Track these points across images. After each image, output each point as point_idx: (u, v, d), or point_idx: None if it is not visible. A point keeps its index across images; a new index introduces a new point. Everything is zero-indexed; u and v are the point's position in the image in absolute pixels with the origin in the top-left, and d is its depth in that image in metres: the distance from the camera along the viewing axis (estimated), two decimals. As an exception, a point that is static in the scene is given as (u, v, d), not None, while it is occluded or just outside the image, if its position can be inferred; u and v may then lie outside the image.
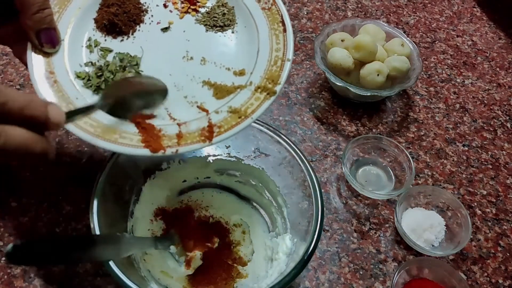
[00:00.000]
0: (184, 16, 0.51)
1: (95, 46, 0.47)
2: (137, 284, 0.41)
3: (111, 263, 0.41)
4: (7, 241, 0.54)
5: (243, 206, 0.60)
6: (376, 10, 0.92)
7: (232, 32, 0.50)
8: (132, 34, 0.49)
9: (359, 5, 0.92)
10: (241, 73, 0.47)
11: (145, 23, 0.50)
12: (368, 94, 0.69)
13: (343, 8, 0.91)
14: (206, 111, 0.44)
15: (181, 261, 0.53)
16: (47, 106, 0.36)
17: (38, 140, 0.35)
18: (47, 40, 0.43)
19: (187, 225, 0.56)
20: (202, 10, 0.51)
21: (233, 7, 0.51)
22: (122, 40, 0.48)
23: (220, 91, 0.46)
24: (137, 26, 0.50)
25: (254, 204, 0.60)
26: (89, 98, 0.44)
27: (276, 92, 0.44)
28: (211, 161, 0.58)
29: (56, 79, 0.43)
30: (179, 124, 0.43)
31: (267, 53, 0.47)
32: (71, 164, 0.62)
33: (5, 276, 0.52)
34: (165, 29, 0.50)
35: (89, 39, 0.48)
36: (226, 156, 0.58)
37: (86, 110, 0.41)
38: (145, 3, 0.51)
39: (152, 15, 0.51)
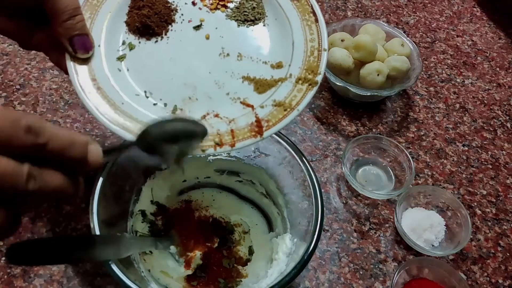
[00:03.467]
0: (214, 13, 0.51)
1: (130, 50, 0.47)
2: (137, 284, 0.41)
3: (111, 263, 0.41)
4: (7, 241, 0.54)
5: (243, 206, 0.60)
6: (376, 10, 0.92)
7: (264, 25, 0.50)
8: (166, 34, 0.49)
9: (359, 5, 0.92)
10: (279, 65, 0.47)
11: (177, 22, 0.50)
12: (368, 94, 0.69)
13: (343, 8, 0.91)
14: (251, 106, 0.44)
15: (181, 261, 0.53)
16: (87, 146, 0.33)
17: (72, 183, 0.33)
18: (80, 46, 0.43)
19: (187, 225, 0.56)
20: (231, 5, 0.51)
21: (261, 0, 0.51)
22: (156, 41, 0.48)
23: (261, 85, 0.46)
24: (169, 26, 0.49)
25: (254, 204, 0.60)
26: (135, 102, 0.44)
27: (318, 82, 0.45)
28: (211, 161, 0.58)
29: (99, 86, 0.43)
30: (229, 121, 0.43)
31: (303, 44, 0.47)
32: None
33: (5, 276, 0.52)
34: (197, 27, 0.49)
35: (123, 43, 0.47)
36: (226, 156, 0.58)
37: (123, 148, 0.40)
38: (174, 2, 0.51)
39: (182, 14, 0.50)
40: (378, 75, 0.69)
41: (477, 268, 0.59)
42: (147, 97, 0.44)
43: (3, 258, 0.53)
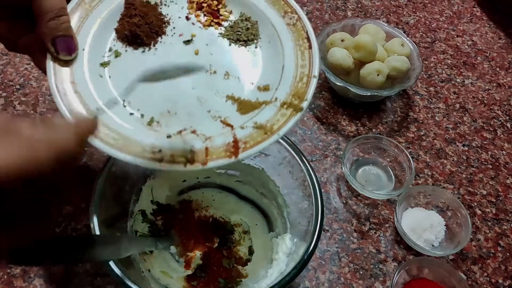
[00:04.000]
0: (207, 29, 0.50)
1: (116, 57, 0.47)
2: (137, 284, 0.41)
3: (111, 263, 0.41)
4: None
5: (243, 206, 0.60)
6: (376, 10, 0.92)
7: (256, 47, 0.49)
8: (154, 45, 0.48)
9: (359, 5, 0.92)
10: (266, 88, 0.46)
11: (167, 35, 0.49)
12: (368, 94, 0.69)
13: (343, 8, 0.91)
14: (231, 126, 0.43)
15: (181, 261, 0.53)
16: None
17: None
18: (63, 48, 0.42)
19: (187, 225, 0.56)
20: (225, 23, 0.50)
21: (256, 21, 0.50)
22: (143, 51, 0.47)
23: (244, 106, 0.45)
24: (159, 38, 0.49)
25: (254, 204, 0.60)
26: (111, 109, 0.43)
27: (302, 109, 0.44)
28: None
29: (76, 89, 0.43)
30: (206, 139, 0.42)
31: (293, 69, 0.47)
32: (71, 164, 0.62)
33: (5, 276, 0.52)
34: (187, 42, 0.49)
35: (110, 50, 0.47)
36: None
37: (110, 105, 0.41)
38: (167, 14, 0.50)
39: (174, 27, 0.50)
40: (378, 75, 0.69)
41: (477, 268, 0.59)
42: (125, 106, 0.44)
43: (3, 258, 0.53)
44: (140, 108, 0.43)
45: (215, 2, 0.51)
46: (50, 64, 0.43)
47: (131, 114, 0.43)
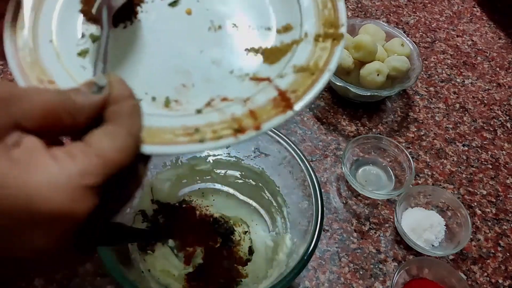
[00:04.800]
0: None
1: (93, 42, 0.39)
2: (137, 284, 0.41)
3: (111, 263, 0.41)
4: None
5: (243, 206, 0.60)
6: (376, 10, 0.92)
7: None
8: (135, 17, 0.41)
9: (359, 5, 0.92)
10: (288, 28, 0.39)
11: (146, 2, 0.42)
12: (368, 94, 0.69)
13: (343, 8, 0.91)
14: (267, 79, 0.36)
15: (181, 256, 0.53)
16: None
17: None
18: None
19: (188, 224, 0.56)
20: None
21: None
22: (125, 27, 0.40)
23: (272, 54, 0.38)
24: (138, 8, 0.41)
25: (254, 204, 0.60)
26: None
27: (343, 35, 0.37)
28: (211, 161, 0.58)
29: (57, 87, 0.35)
30: (244, 101, 0.35)
31: None
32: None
33: (5, 276, 0.52)
34: (173, 3, 0.42)
35: (83, 36, 0.39)
36: (226, 156, 0.58)
37: None
38: None
39: None
40: (378, 75, 0.69)
41: (477, 268, 0.59)
42: None
43: (3, 258, 0.53)
44: (149, 91, 0.36)
45: None
46: (13, 65, 0.35)
47: (140, 100, 0.34)
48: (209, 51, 0.39)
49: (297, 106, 0.33)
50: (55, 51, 0.37)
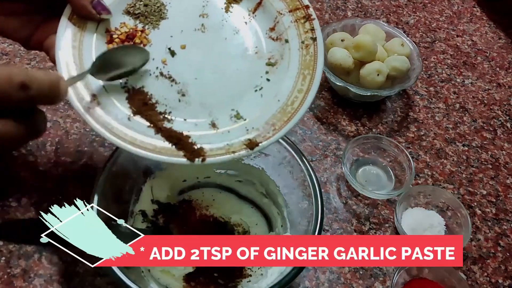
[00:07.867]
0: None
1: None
2: (137, 284, 0.41)
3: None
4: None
5: (243, 206, 0.60)
6: (376, 10, 0.92)
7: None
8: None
9: (359, 5, 0.92)
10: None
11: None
12: (368, 94, 0.69)
13: (343, 8, 0.91)
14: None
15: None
16: (60, 82, 0.37)
17: (26, 124, 0.37)
18: (102, 8, 0.44)
19: (188, 224, 0.56)
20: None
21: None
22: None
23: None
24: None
25: (254, 204, 0.60)
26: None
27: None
28: (211, 161, 0.58)
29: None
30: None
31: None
32: (71, 163, 0.62)
33: (5, 276, 0.52)
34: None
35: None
36: (226, 156, 0.58)
37: (81, 75, 0.41)
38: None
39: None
40: (378, 75, 0.69)
41: (477, 268, 0.59)
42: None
43: (3, 258, 0.53)
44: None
45: None
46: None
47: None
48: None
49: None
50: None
